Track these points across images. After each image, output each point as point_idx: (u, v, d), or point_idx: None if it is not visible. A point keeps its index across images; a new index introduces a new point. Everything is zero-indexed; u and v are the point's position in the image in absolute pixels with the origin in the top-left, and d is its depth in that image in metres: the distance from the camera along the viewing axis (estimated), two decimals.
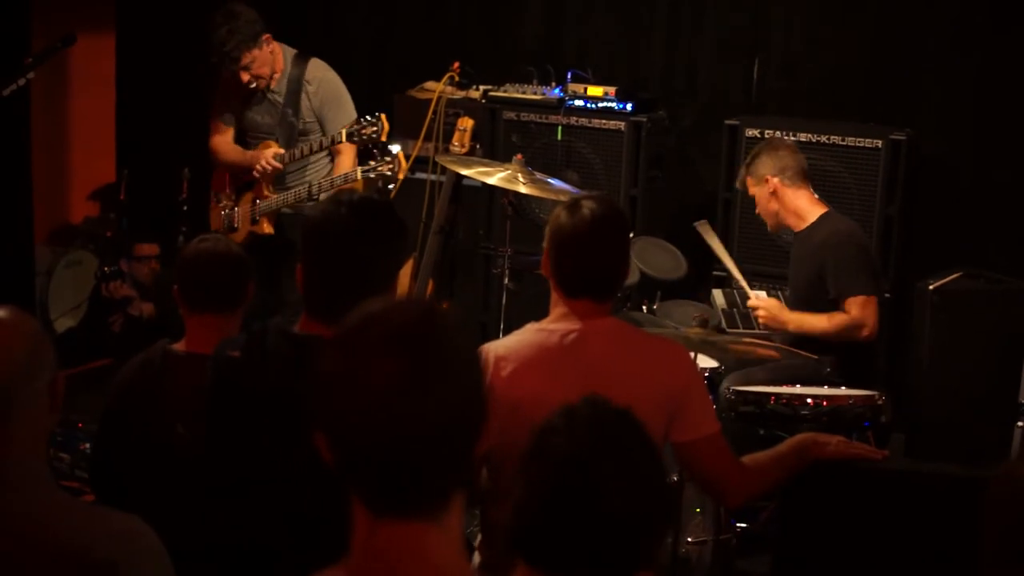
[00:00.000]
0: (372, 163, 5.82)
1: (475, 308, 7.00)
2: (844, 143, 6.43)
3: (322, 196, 5.91)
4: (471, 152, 6.20)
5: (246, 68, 5.93)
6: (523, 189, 5.33)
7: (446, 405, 1.76)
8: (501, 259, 6.15)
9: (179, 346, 3.70)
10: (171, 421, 3.43)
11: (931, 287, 5.96)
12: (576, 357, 3.34)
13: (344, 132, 5.88)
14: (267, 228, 6.09)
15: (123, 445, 3.59)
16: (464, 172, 5.57)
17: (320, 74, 6.14)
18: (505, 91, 7.02)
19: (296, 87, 6.08)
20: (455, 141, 6.22)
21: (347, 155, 6.10)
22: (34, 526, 2.27)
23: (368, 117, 5.87)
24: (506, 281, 6.02)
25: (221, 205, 6.28)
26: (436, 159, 6.24)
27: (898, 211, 6.40)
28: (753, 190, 5.64)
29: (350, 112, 6.14)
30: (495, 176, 5.37)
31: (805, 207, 5.56)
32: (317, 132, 6.12)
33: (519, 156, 5.61)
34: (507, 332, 3.60)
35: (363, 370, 1.75)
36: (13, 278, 7.49)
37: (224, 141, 6.21)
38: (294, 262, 3.01)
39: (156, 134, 8.23)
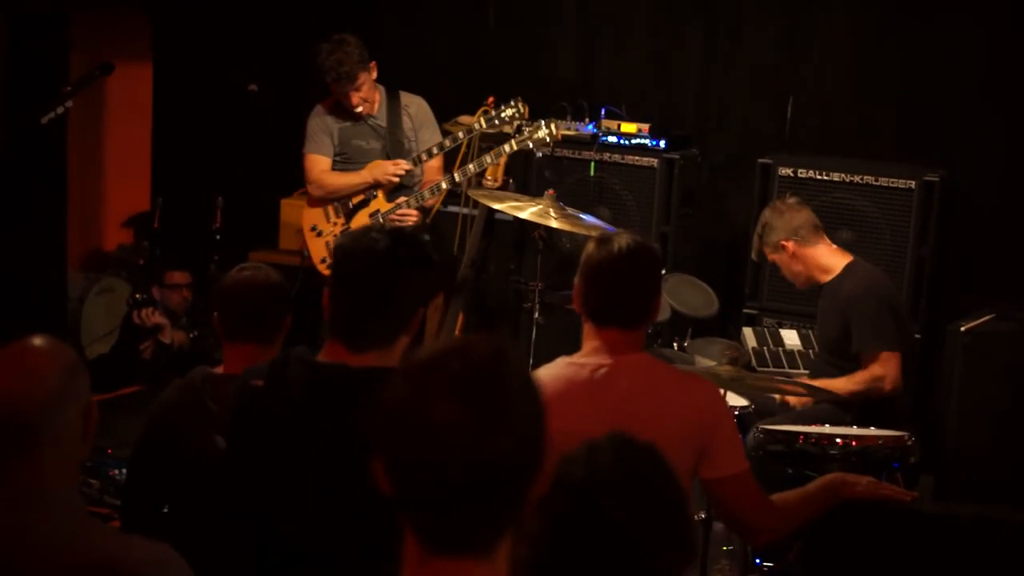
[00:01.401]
0: (526, 131, 6.06)
1: None
2: (877, 183, 6.42)
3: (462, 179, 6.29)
4: (504, 186, 6.22)
5: (357, 89, 6.29)
6: (555, 224, 5.34)
7: (509, 448, 1.75)
8: (532, 293, 6.15)
9: (217, 371, 3.69)
10: (211, 438, 3.42)
11: (962, 328, 5.93)
12: (606, 392, 3.34)
13: (483, 119, 6.18)
14: None
15: (162, 464, 3.59)
16: (496, 206, 5.59)
17: (416, 100, 6.57)
18: (538, 126, 7.03)
19: (396, 112, 6.46)
20: (488, 175, 6.24)
21: (436, 161, 6.45)
22: (69, 554, 2.28)
23: (503, 104, 6.18)
24: (536, 315, 6.02)
25: (324, 236, 6.49)
26: (469, 193, 6.26)
27: (931, 252, 6.38)
28: (773, 257, 5.62)
29: (439, 133, 6.52)
30: (527, 210, 5.39)
31: (828, 260, 5.53)
32: (415, 152, 6.44)
33: (551, 191, 5.63)
34: (536, 366, 3.60)
35: (431, 406, 1.74)
36: (46, 304, 7.54)
37: (331, 171, 6.48)
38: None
39: (191, 163, 8.28)
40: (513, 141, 6.05)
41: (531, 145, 6.06)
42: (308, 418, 2.78)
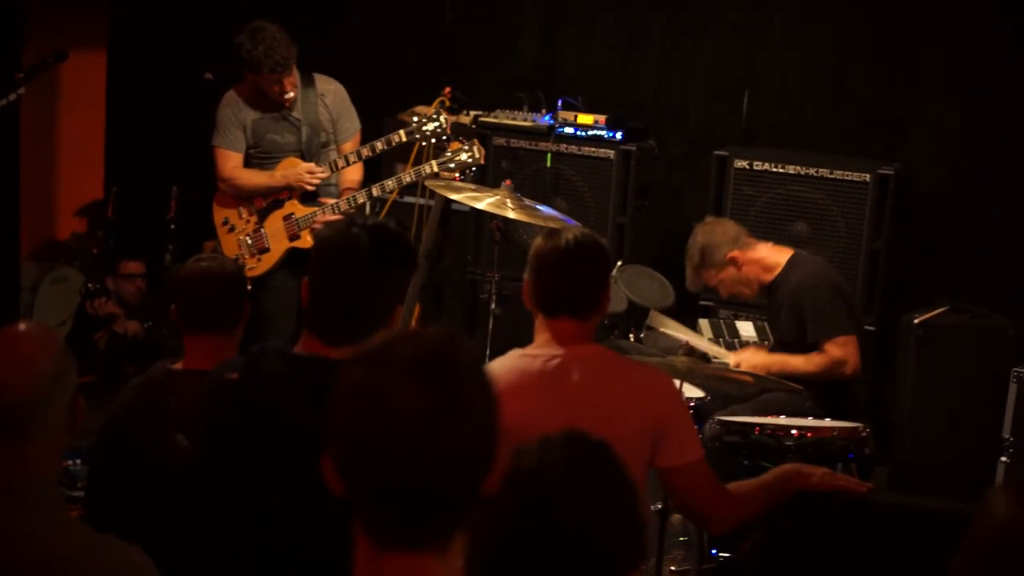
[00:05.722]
0: (448, 153, 5.86)
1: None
2: (832, 176, 6.44)
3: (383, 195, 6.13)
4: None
5: (289, 75, 6.01)
6: (511, 215, 5.33)
7: (465, 437, 1.74)
8: (488, 284, 6.15)
9: (177, 366, 3.66)
10: (173, 437, 3.38)
11: (916, 321, 5.98)
12: (559, 383, 3.34)
13: (403, 132, 5.97)
14: (311, 241, 6.01)
15: (124, 464, 3.54)
16: (453, 197, 5.57)
17: (332, 86, 6.26)
18: (495, 117, 7.03)
19: (313, 103, 6.16)
20: None
21: (357, 168, 6.21)
22: (40, 547, 2.26)
23: (424, 116, 5.99)
24: (492, 306, 6.03)
25: (236, 232, 6.24)
26: (425, 183, 6.24)
27: (885, 245, 6.41)
28: (717, 278, 5.58)
29: (357, 120, 6.30)
30: (484, 201, 5.37)
31: (772, 258, 5.53)
32: (333, 144, 6.23)
33: (508, 182, 5.62)
34: (492, 357, 3.59)
35: (388, 394, 1.72)
36: None
37: (242, 168, 6.19)
38: None
39: (145, 152, 8.22)
40: (435, 162, 5.89)
41: (453, 167, 5.88)
42: (286, 410, 2.74)
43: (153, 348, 7.06)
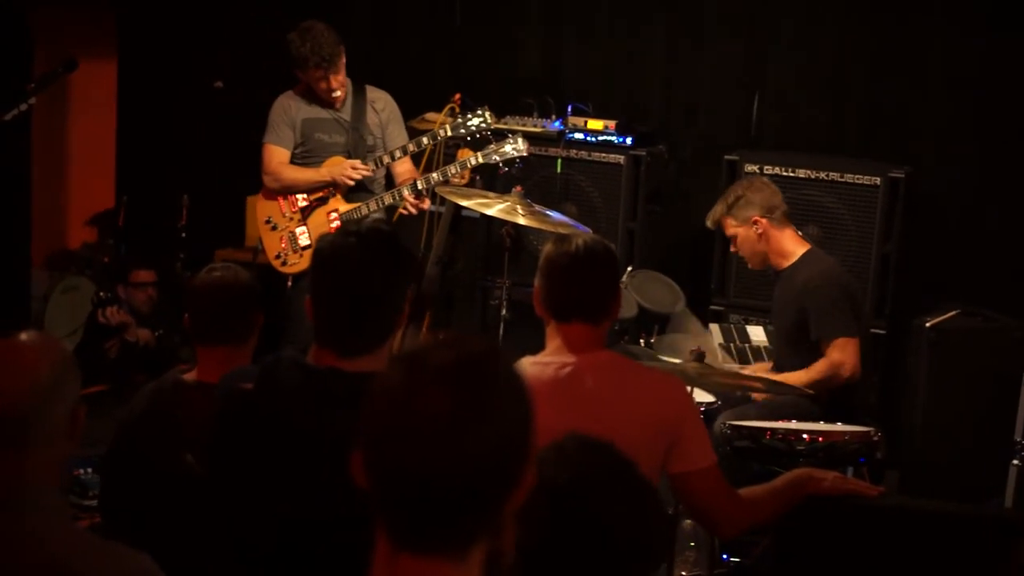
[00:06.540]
0: (492, 146, 5.92)
1: None
2: (843, 180, 6.44)
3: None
4: (470, 183, 6.21)
5: (337, 72, 6.12)
6: (522, 221, 5.34)
7: (487, 446, 1.73)
8: (499, 290, 6.15)
9: (190, 376, 3.66)
10: (182, 450, 3.38)
11: (928, 324, 5.97)
12: (572, 390, 3.34)
13: (448, 127, 6.04)
14: None
15: (134, 473, 3.54)
16: (463, 203, 5.58)
17: (383, 95, 6.38)
18: (505, 123, 7.02)
19: (362, 107, 6.27)
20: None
21: (405, 161, 6.29)
22: (42, 551, 2.26)
23: (468, 112, 6.04)
24: (503, 312, 6.03)
25: (279, 230, 6.29)
26: (436, 190, 6.25)
27: (895, 248, 6.40)
28: (735, 230, 5.53)
29: (405, 133, 6.37)
30: (494, 207, 5.38)
31: (790, 246, 5.50)
32: (380, 148, 6.29)
33: (518, 188, 5.62)
34: None
35: (417, 394, 1.72)
36: (9, 302, 7.49)
37: (289, 165, 6.27)
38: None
39: (156, 160, 8.24)
40: (479, 154, 5.96)
41: (496, 159, 5.94)
42: (300, 420, 2.72)
43: (165, 356, 7.07)
